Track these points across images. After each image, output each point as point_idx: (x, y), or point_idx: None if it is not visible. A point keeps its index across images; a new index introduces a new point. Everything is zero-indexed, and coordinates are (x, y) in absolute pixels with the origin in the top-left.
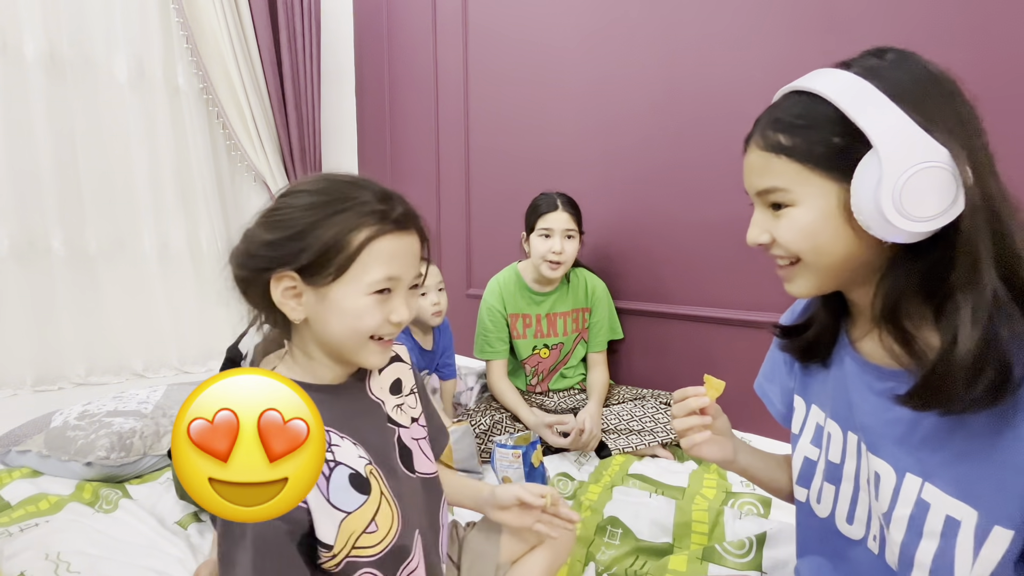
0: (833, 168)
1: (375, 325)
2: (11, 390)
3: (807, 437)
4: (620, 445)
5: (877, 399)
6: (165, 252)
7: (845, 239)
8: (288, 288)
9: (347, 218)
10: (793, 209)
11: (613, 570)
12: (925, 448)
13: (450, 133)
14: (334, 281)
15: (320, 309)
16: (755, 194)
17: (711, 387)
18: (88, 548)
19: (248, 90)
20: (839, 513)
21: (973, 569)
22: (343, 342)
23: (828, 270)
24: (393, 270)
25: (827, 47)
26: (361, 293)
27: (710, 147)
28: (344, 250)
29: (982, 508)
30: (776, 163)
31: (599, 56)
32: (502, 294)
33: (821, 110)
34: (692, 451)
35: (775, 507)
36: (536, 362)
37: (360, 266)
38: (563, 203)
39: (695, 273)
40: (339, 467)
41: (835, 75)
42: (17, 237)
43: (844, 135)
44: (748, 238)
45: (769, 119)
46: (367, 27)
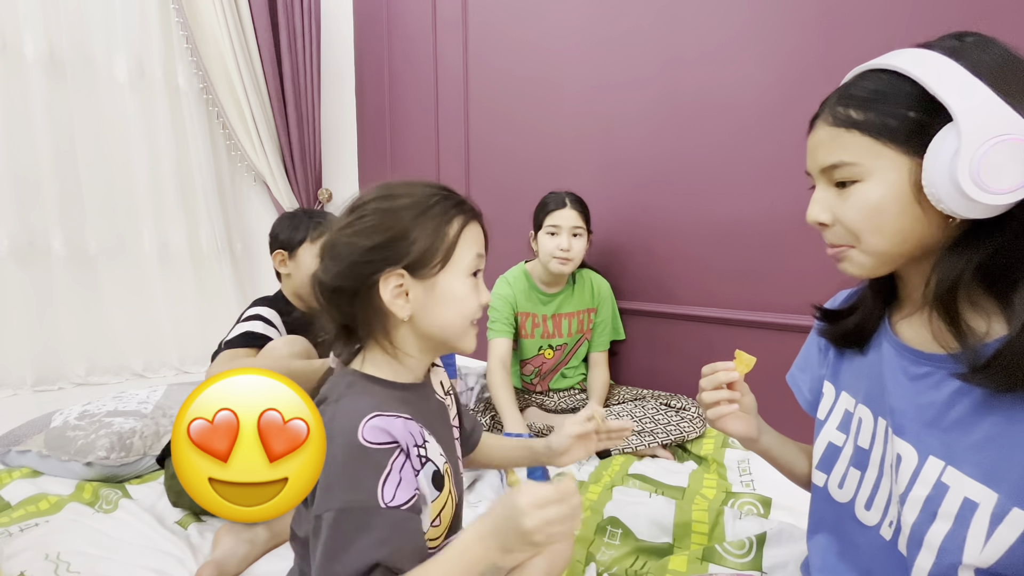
0: (907, 142)
1: (476, 306)
2: (11, 390)
3: (833, 423)
4: (620, 445)
5: (910, 383)
6: (165, 252)
7: (911, 217)
8: (397, 287)
9: (440, 213)
10: (861, 185)
11: (613, 570)
12: (954, 431)
13: (450, 133)
14: (441, 271)
15: (429, 301)
16: (820, 171)
17: (741, 362)
18: (88, 548)
19: (248, 90)
20: (860, 499)
21: (983, 552)
22: (451, 329)
23: (887, 251)
24: (480, 250)
25: (827, 50)
26: (463, 276)
27: (711, 147)
28: (446, 240)
29: (1004, 491)
30: (846, 137)
31: (599, 56)
32: (513, 290)
33: (898, 85)
34: (717, 424)
35: (775, 507)
36: (540, 362)
37: (459, 253)
38: (572, 201)
39: (695, 273)
40: (428, 463)
41: (914, 52)
42: (17, 237)
43: (920, 109)
44: (808, 215)
45: (840, 95)
46: (367, 27)
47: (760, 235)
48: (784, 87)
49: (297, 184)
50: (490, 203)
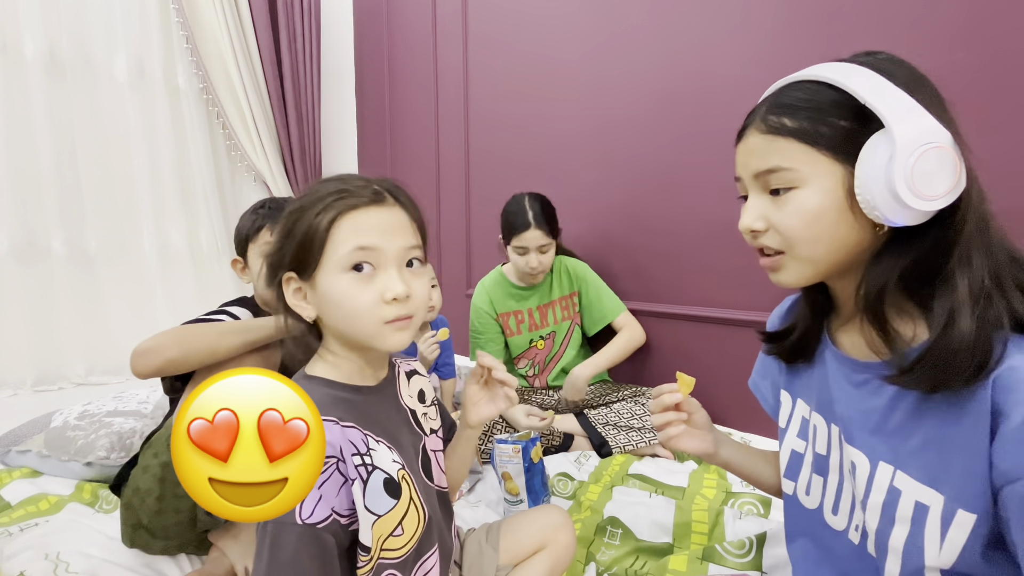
0: (839, 150)
1: (368, 305)
2: (11, 390)
3: (793, 430)
4: (620, 442)
5: (854, 390)
6: (165, 252)
7: (845, 225)
8: (296, 290)
9: (317, 209)
10: (798, 192)
11: (613, 570)
12: (896, 436)
13: (450, 133)
14: (317, 270)
15: (319, 302)
16: (753, 177)
17: (683, 384)
18: (88, 548)
19: (248, 90)
20: (827, 504)
21: (940, 554)
22: (356, 330)
23: (820, 259)
24: (363, 240)
25: (825, 52)
26: (339, 273)
27: (709, 148)
28: (316, 235)
29: (947, 493)
30: (782, 143)
31: (599, 56)
32: (490, 297)
33: (826, 95)
34: (669, 444)
35: (775, 507)
36: (533, 354)
37: (332, 247)
38: (535, 216)
39: (695, 273)
40: (375, 471)
41: (838, 65)
42: (17, 237)
43: (851, 118)
44: (741, 224)
45: (771, 104)
46: (367, 27)
47: None
48: None
49: (297, 184)
50: (490, 203)
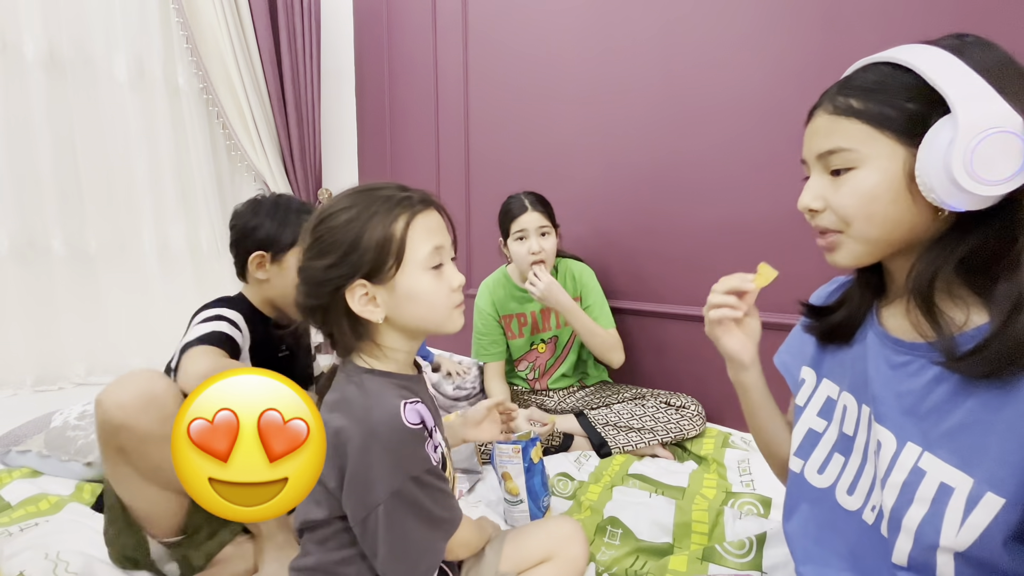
0: (904, 132)
1: (446, 295)
2: (11, 390)
3: (813, 409)
4: (620, 443)
5: (891, 371)
6: (165, 252)
7: (902, 206)
8: (363, 296)
9: (383, 215)
10: (856, 172)
11: (613, 570)
12: (929, 419)
13: (450, 133)
14: (397, 272)
15: (396, 301)
16: (816, 158)
17: (762, 275)
18: (88, 548)
19: (248, 90)
20: (842, 484)
21: (958, 535)
22: (429, 320)
23: (877, 239)
24: (436, 240)
25: (827, 53)
26: (421, 272)
27: (712, 150)
28: (394, 241)
29: (978, 475)
30: (845, 125)
31: (599, 56)
32: (492, 298)
33: (899, 77)
34: (714, 331)
35: (775, 507)
36: (534, 357)
37: (411, 249)
38: (531, 202)
39: (695, 273)
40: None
41: (916, 47)
42: (17, 237)
43: (919, 100)
44: (800, 202)
45: (841, 86)
46: (367, 27)
47: (760, 236)
48: (784, 90)
49: (297, 184)
50: (490, 203)
